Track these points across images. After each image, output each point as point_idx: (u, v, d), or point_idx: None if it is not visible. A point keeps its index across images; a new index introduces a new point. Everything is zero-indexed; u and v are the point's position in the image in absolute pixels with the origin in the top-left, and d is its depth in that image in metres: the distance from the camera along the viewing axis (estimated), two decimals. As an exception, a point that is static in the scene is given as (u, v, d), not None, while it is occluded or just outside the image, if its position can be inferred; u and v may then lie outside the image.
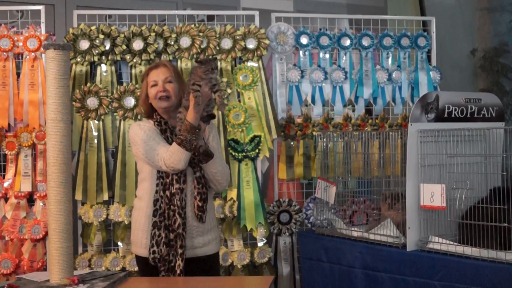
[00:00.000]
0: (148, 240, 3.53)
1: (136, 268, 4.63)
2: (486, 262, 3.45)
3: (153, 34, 4.77)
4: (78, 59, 4.73)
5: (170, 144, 3.52)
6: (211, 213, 3.69)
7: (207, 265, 3.64)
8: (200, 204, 3.55)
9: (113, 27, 4.77)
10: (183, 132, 3.42)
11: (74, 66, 4.75)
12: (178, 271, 3.47)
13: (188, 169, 3.54)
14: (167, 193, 3.51)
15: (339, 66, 5.18)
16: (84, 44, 4.73)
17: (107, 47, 4.75)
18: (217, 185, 3.67)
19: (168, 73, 3.61)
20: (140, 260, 3.65)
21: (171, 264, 3.49)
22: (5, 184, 4.72)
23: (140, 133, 3.55)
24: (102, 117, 4.76)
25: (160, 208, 3.51)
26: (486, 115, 4.12)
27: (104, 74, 4.81)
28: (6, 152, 4.72)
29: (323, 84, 5.13)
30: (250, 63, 4.93)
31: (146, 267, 3.57)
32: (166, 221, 3.50)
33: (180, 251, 3.49)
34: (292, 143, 5.07)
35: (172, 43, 4.82)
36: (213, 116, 3.61)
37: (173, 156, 3.42)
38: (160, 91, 3.57)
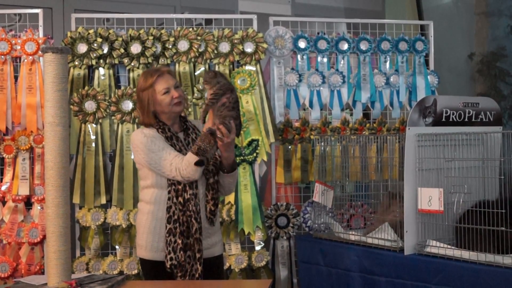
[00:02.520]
0: (157, 243, 3.51)
1: (134, 272, 4.67)
2: (484, 266, 3.46)
3: (151, 37, 4.78)
4: (76, 63, 4.74)
5: (177, 150, 3.50)
6: (217, 215, 3.70)
7: (214, 266, 3.64)
8: (213, 208, 3.56)
9: (111, 31, 4.78)
10: (198, 141, 3.42)
11: (72, 69, 4.75)
12: (197, 275, 3.47)
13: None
14: (180, 199, 3.49)
15: (337, 70, 5.19)
16: (82, 48, 4.73)
17: (105, 50, 4.75)
18: (227, 191, 3.73)
19: (175, 79, 3.64)
20: (146, 263, 3.61)
21: (187, 269, 3.48)
22: (3, 188, 4.72)
23: (145, 141, 3.50)
24: (100, 120, 4.76)
25: (174, 214, 3.48)
26: (484, 119, 4.12)
27: (102, 77, 4.81)
28: (4, 155, 4.72)
29: (321, 88, 5.14)
30: (248, 67, 4.93)
31: (153, 271, 3.55)
32: (181, 227, 3.48)
33: (198, 255, 3.48)
34: (290, 147, 5.08)
35: (170, 46, 4.83)
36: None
37: (190, 166, 3.40)
38: (175, 97, 3.54)
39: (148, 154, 3.48)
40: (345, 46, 5.21)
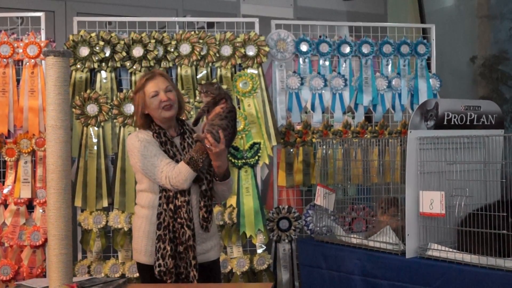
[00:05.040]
0: (152, 248, 3.50)
1: (136, 275, 4.65)
2: (486, 269, 3.46)
3: (153, 41, 4.78)
4: (78, 66, 4.74)
5: (170, 157, 3.48)
6: (213, 220, 3.67)
7: (209, 271, 3.61)
8: (206, 215, 3.53)
9: (113, 34, 4.78)
10: (191, 151, 3.41)
11: (74, 72, 4.76)
12: (195, 282, 3.44)
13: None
14: (171, 206, 3.46)
15: (339, 73, 5.19)
16: (84, 51, 4.74)
17: (107, 54, 4.75)
18: (222, 198, 3.71)
19: (167, 82, 3.57)
20: (142, 267, 3.60)
21: (181, 276, 3.45)
22: (5, 191, 4.72)
23: (138, 146, 3.48)
24: (102, 123, 4.76)
25: (164, 221, 3.46)
26: (486, 123, 4.12)
27: (104, 81, 4.81)
28: (6, 158, 4.72)
29: (323, 91, 5.14)
30: (250, 70, 4.94)
31: (149, 275, 3.52)
32: (171, 234, 3.45)
33: (193, 262, 3.45)
34: (291, 150, 5.08)
35: (172, 50, 4.83)
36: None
37: (180, 175, 3.38)
38: (163, 101, 3.50)
39: (141, 160, 3.46)
40: (347, 49, 5.21)
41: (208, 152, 3.39)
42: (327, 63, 5.20)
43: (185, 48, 4.86)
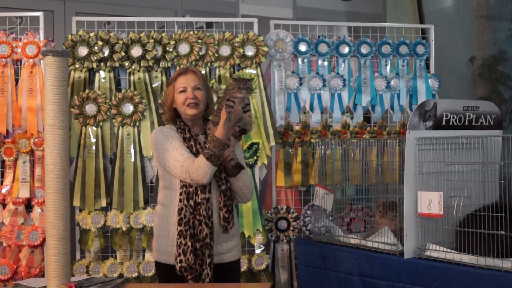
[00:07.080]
0: (173, 248, 3.48)
1: (134, 275, 4.68)
2: (484, 270, 3.46)
3: (151, 41, 4.78)
4: (77, 66, 4.74)
5: (193, 153, 3.48)
6: (235, 220, 3.65)
7: (230, 271, 3.62)
8: (226, 215, 3.52)
9: (111, 34, 4.78)
10: (211, 147, 3.39)
11: (72, 72, 4.76)
12: (207, 280, 3.44)
13: (212, 180, 3.49)
14: (191, 202, 3.45)
15: (338, 73, 5.19)
16: (82, 51, 4.73)
17: (106, 53, 4.75)
18: (242, 197, 3.64)
19: (198, 80, 3.57)
20: (162, 267, 3.58)
21: (197, 273, 3.45)
22: (3, 190, 4.72)
23: (161, 139, 3.51)
24: (101, 123, 4.76)
25: (185, 217, 3.45)
26: (484, 123, 4.12)
27: (103, 80, 4.81)
28: (4, 158, 4.72)
29: (322, 91, 5.14)
30: (248, 70, 4.93)
31: (169, 274, 3.51)
32: (192, 230, 3.45)
33: (208, 260, 3.45)
34: (290, 150, 5.08)
35: (171, 50, 4.83)
36: (244, 131, 3.53)
37: (199, 169, 3.37)
38: (189, 98, 3.52)
39: (162, 152, 3.49)
40: (345, 50, 5.21)
41: (225, 116, 3.40)
42: (326, 63, 5.20)
43: (183, 48, 4.86)
